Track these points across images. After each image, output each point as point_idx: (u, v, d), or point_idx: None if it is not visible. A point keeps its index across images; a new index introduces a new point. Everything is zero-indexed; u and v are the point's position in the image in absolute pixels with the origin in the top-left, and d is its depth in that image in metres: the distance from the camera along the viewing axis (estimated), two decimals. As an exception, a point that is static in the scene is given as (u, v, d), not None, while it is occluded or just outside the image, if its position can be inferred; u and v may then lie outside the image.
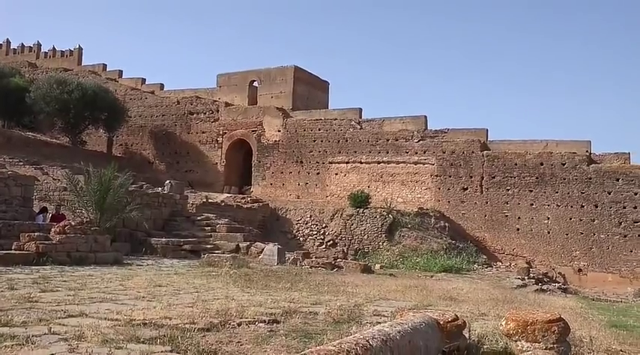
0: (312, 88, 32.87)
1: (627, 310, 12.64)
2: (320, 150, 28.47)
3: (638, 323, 9.94)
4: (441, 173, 25.14)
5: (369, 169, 26.92)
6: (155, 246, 17.39)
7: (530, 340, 5.53)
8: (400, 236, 22.68)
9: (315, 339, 5.66)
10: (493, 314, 8.44)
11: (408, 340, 4.53)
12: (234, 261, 14.36)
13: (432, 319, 5.33)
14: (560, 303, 11.83)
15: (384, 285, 12.13)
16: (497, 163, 23.98)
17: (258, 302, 8.25)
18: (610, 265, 21.58)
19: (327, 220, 24.28)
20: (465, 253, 21.68)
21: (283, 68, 31.76)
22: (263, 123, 30.38)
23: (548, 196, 22.87)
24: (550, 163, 23.05)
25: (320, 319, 7.11)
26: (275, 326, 6.40)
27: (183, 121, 33.09)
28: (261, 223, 24.88)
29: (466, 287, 13.12)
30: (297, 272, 13.97)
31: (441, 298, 10.55)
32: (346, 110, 29.23)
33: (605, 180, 21.99)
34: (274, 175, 29.68)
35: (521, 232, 23.26)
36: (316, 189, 28.34)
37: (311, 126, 29.00)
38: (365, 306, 8.52)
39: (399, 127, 26.94)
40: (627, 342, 7.53)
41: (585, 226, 22.15)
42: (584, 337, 7.16)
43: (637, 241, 21.21)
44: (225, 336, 5.67)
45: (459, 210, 24.56)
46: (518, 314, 5.97)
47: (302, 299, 8.92)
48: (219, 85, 33.62)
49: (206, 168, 31.77)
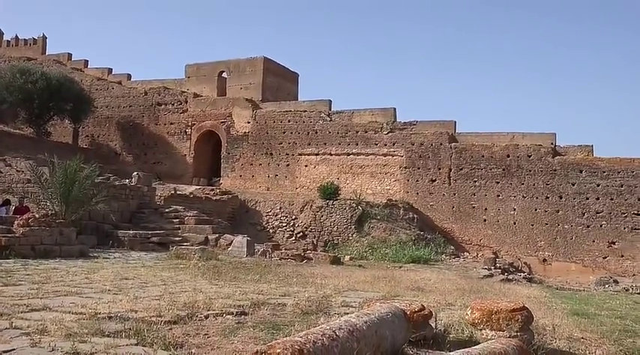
0: (281, 80, 32.76)
1: (589, 299, 12.93)
2: (290, 141, 28.42)
3: (600, 311, 10.19)
4: (410, 165, 25.34)
5: (339, 161, 26.98)
6: (122, 239, 17.18)
7: (495, 328, 5.63)
8: (369, 227, 22.82)
9: (283, 330, 5.67)
10: (459, 303, 8.56)
11: (374, 330, 4.57)
12: (203, 253, 14.27)
13: (398, 309, 5.38)
14: (524, 293, 12.05)
15: (352, 276, 12.19)
16: (465, 155, 24.27)
17: (226, 294, 8.22)
18: (573, 255, 22.07)
19: (297, 212, 24.28)
20: (433, 244, 21.92)
21: (253, 59, 31.56)
22: (232, 115, 30.16)
23: (515, 188, 23.25)
24: (516, 155, 23.42)
25: (288, 310, 7.12)
26: (243, 318, 6.39)
27: (151, 112, 32.65)
28: (231, 215, 24.76)
29: (434, 278, 13.27)
30: (267, 264, 13.96)
31: (408, 288, 10.65)
32: (316, 102, 29.20)
33: (569, 172, 22.45)
34: (244, 167, 29.54)
35: (488, 223, 23.62)
36: (286, 181, 28.30)
37: (280, 118, 28.91)
38: (333, 297, 8.56)
39: (368, 119, 27.03)
40: (588, 330, 7.71)
41: (550, 217, 22.60)
42: (548, 325, 7.31)
43: (599, 231, 21.73)
44: (192, 328, 5.64)
45: (427, 201, 24.81)
46: (483, 303, 6.06)
47: (271, 291, 8.92)
48: (188, 75, 33.25)
49: (174, 160, 31.44)
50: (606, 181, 21.75)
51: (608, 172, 21.78)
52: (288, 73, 33.61)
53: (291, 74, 34.03)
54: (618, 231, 21.45)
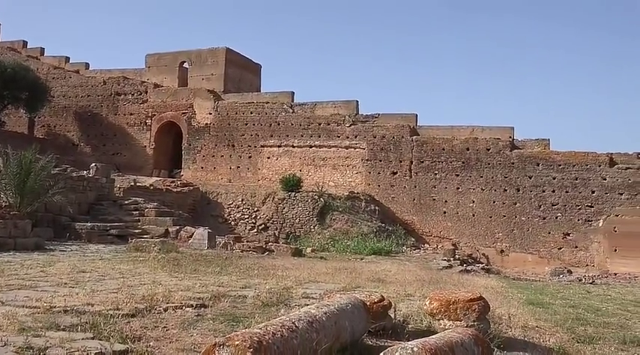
0: (244, 71, 32.51)
1: (544, 288, 13.28)
2: (252, 133, 28.26)
3: (554, 300, 10.47)
4: (372, 157, 25.50)
5: (301, 153, 26.97)
6: (80, 231, 16.85)
7: (453, 318, 5.73)
8: (331, 219, 22.90)
9: (243, 322, 5.66)
10: (419, 294, 8.68)
11: (334, 321, 4.60)
12: (163, 246, 14.11)
13: (358, 300, 5.42)
14: (482, 283, 12.30)
15: (314, 268, 12.23)
16: (426, 148, 24.55)
17: (186, 286, 8.16)
18: (530, 246, 22.60)
19: (259, 204, 24.20)
20: (394, 236, 22.15)
21: (214, 50, 31.21)
22: (194, 106, 29.82)
23: (474, 180, 23.64)
24: (476, 148, 23.80)
25: (249, 302, 7.11)
26: (202, 311, 6.35)
27: (110, 102, 32.00)
28: (192, 207, 24.53)
29: (394, 269, 13.42)
30: (228, 257, 13.91)
31: (369, 280, 10.75)
32: (278, 93, 29.08)
33: (527, 165, 22.94)
34: (205, 159, 29.26)
35: (448, 215, 23.97)
36: (248, 173, 28.16)
37: (243, 110, 28.71)
38: (294, 289, 8.57)
39: (330, 112, 27.07)
40: (543, 319, 7.92)
41: (508, 209, 23.07)
42: (504, 314, 7.48)
43: (554, 223, 22.29)
44: (150, 322, 5.58)
45: (388, 193, 25.03)
46: (442, 294, 6.16)
47: (231, 283, 8.89)
48: (148, 65, 32.70)
49: (134, 151, 30.92)
50: (562, 174, 22.31)
51: (564, 166, 22.34)
52: (250, 64, 33.38)
53: (254, 65, 33.81)
54: (572, 223, 22.05)
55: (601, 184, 21.77)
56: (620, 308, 10.06)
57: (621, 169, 21.63)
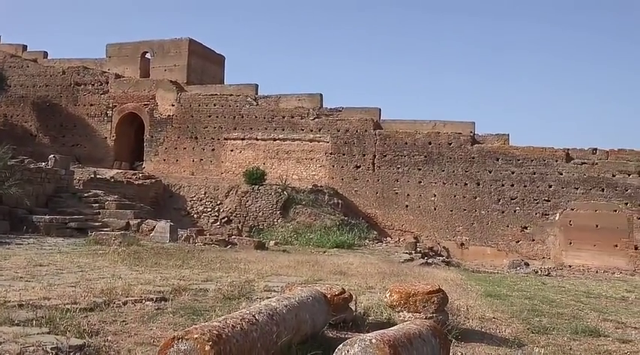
0: (207, 62, 32.16)
1: (502, 281, 13.59)
2: (215, 125, 28.03)
3: (511, 292, 10.73)
4: (335, 151, 25.59)
5: (265, 146, 26.89)
6: (37, 224, 16.46)
7: (412, 310, 5.83)
8: (295, 213, 22.92)
9: (204, 316, 5.65)
10: (380, 287, 8.78)
11: (294, 314, 4.63)
12: (124, 239, 13.92)
13: (319, 293, 5.46)
14: (442, 276, 12.51)
15: (277, 261, 12.25)
16: (389, 142, 24.76)
17: (146, 280, 8.08)
18: (489, 239, 23.05)
19: (222, 197, 24.06)
20: (357, 229, 22.29)
21: (177, 40, 30.78)
22: (156, 97, 29.38)
23: (435, 174, 23.95)
24: (437, 143, 24.10)
25: (210, 296, 7.09)
26: (163, 304, 6.31)
27: (70, 93, 31.28)
28: (154, 200, 24.22)
29: (356, 262, 13.53)
30: (190, 250, 13.81)
31: (331, 273, 10.82)
32: (242, 86, 28.88)
33: (487, 160, 23.35)
34: (168, 151, 28.91)
35: (410, 209, 24.25)
36: (211, 166, 27.94)
37: (206, 102, 28.44)
38: (256, 282, 8.58)
39: (294, 105, 27.03)
40: (500, 310, 8.12)
41: (468, 203, 23.46)
42: (462, 306, 7.63)
43: (513, 217, 22.78)
44: (109, 316, 5.52)
45: (352, 187, 25.17)
46: (402, 286, 6.25)
47: (193, 277, 8.84)
48: (109, 55, 32.05)
49: (95, 143, 30.32)
50: (520, 169, 22.79)
51: (523, 160, 22.82)
52: (214, 55, 33.03)
53: (217, 57, 33.47)
54: (530, 217, 22.56)
55: (558, 179, 22.31)
56: (573, 299, 10.37)
57: (577, 164, 22.21)
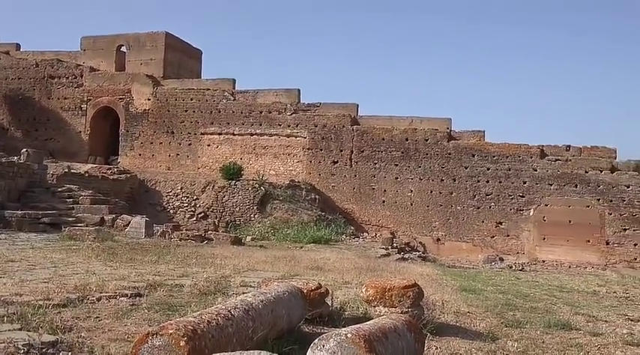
0: (184, 56, 31.87)
1: (477, 276, 13.76)
2: (192, 120, 27.82)
3: (485, 287, 10.88)
4: (313, 146, 25.58)
5: (242, 141, 26.76)
6: (9, 219, 16.16)
7: (388, 305, 5.87)
8: (272, 208, 22.87)
9: (179, 311, 5.62)
10: (356, 282, 8.82)
11: (270, 309, 4.63)
12: (98, 234, 13.78)
13: (295, 288, 5.47)
14: (418, 271, 12.62)
15: (253, 257, 12.24)
16: (366, 138, 24.82)
17: (121, 275, 8.01)
18: (464, 235, 23.27)
19: (199, 192, 23.90)
20: (334, 224, 22.34)
21: (154, 34, 30.44)
22: (132, 91, 29.03)
23: (412, 170, 24.09)
24: (414, 139, 24.23)
25: (186, 291, 7.06)
26: (138, 300, 6.26)
27: (43, 86, 30.75)
28: (129, 195, 23.97)
29: (333, 257, 13.57)
30: (166, 245, 13.71)
31: (308, 268, 10.85)
32: (219, 80, 28.68)
33: (463, 156, 23.55)
34: (143, 145, 28.61)
35: (387, 204, 24.36)
36: (187, 161, 27.73)
37: (183, 96, 28.19)
38: (233, 278, 8.56)
39: (272, 100, 26.93)
40: (474, 305, 8.22)
41: (444, 199, 23.65)
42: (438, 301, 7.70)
43: (488, 212, 23.02)
44: (82, 312, 5.46)
45: (329, 182, 25.19)
46: (378, 281, 6.29)
47: (168, 272, 8.79)
48: (84, 48, 31.57)
49: (69, 137, 29.86)
50: (496, 165, 23.03)
51: (498, 157, 23.06)
52: (190, 49, 32.74)
53: (194, 51, 33.18)
54: (505, 212, 22.83)
55: (532, 175, 22.60)
56: (546, 293, 10.55)
57: (551, 161, 22.52)
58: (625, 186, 21.56)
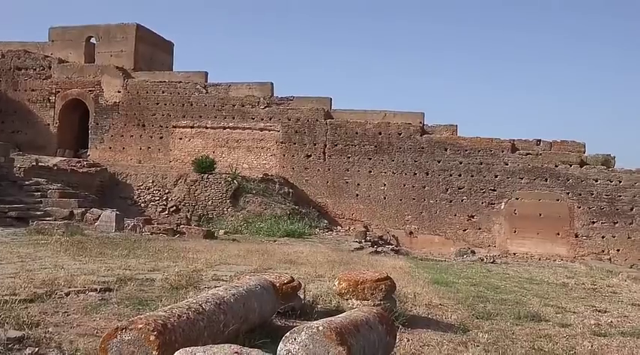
0: (155, 49, 31.45)
1: (449, 268, 13.88)
2: (163, 113, 27.50)
3: (457, 279, 10.98)
4: (286, 140, 25.50)
5: (215, 134, 26.55)
6: (-25, 214, 15.82)
7: (360, 298, 5.88)
8: (245, 202, 22.76)
9: (150, 306, 5.55)
10: (329, 275, 8.82)
11: (242, 303, 4.59)
12: (67, 229, 13.54)
13: (267, 281, 5.44)
14: (391, 264, 12.68)
15: (226, 250, 12.16)
16: (340, 132, 24.83)
17: (90, 270, 7.88)
18: (437, 228, 23.47)
19: (171, 186, 23.65)
20: (307, 218, 22.33)
21: (124, 25, 29.96)
22: (102, 83, 28.57)
23: (385, 164, 24.19)
24: (388, 133, 24.33)
25: (157, 285, 6.98)
26: (107, 295, 6.17)
27: (10, 77, 30.04)
28: (99, 189, 23.60)
29: (306, 251, 13.56)
30: (136, 239, 13.55)
31: (281, 261, 10.82)
32: (191, 73, 28.40)
33: (436, 150, 23.72)
34: (114, 138, 28.21)
35: (360, 198, 24.44)
36: (159, 154, 27.42)
37: (154, 89, 27.85)
38: (205, 271, 8.49)
39: (245, 93, 26.77)
40: (446, 297, 8.29)
41: (417, 192, 23.81)
42: (410, 293, 7.75)
43: (460, 206, 23.25)
44: (50, 307, 5.35)
45: (302, 176, 25.16)
46: (350, 274, 6.30)
47: (139, 266, 8.68)
48: (52, 39, 30.93)
49: (37, 130, 29.27)
50: (468, 159, 23.25)
51: (470, 151, 23.28)
52: (162, 41, 32.33)
53: (166, 43, 32.78)
54: (477, 206, 23.08)
55: (503, 169, 22.88)
56: (517, 285, 10.69)
57: (522, 155, 22.82)
58: (593, 180, 21.97)
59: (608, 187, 21.81)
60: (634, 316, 7.92)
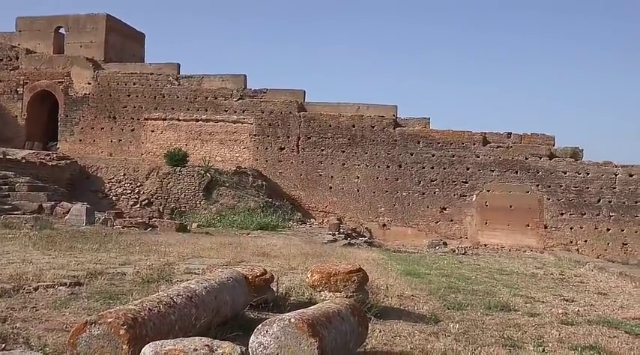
0: (126, 40, 30.96)
1: (421, 260, 14.02)
2: (135, 105, 27.15)
3: (429, 271, 11.10)
4: (260, 133, 25.39)
5: (187, 127, 26.30)
6: (-60, 208, 15.47)
7: (333, 290, 5.91)
8: (218, 195, 22.63)
9: (121, 300, 5.51)
10: (302, 267, 8.84)
11: (214, 296, 4.58)
12: (36, 222, 13.33)
13: (240, 274, 5.43)
14: (364, 256, 12.76)
15: (198, 244, 12.10)
16: (313, 124, 24.82)
17: (60, 264, 7.77)
18: (410, 220, 23.65)
19: (142, 179, 23.39)
20: (281, 211, 22.30)
21: (94, 16, 29.41)
22: (71, 75, 28.07)
23: (359, 157, 24.26)
24: (361, 126, 24.39)
25: (128, 279, 6.92)
26: (77, 289, 6.10)
27: (-25, 68, 29.36)
28: (69, 182, 23.24)
29: (280, 244, 13.57)
30: (107, 233, 13.40)
31: (254, 254, 10.80)
32: (163, 65, 28.04)
33: (409, 143, 23.86)
34: (84, 131, 27.77)
35: (334, 190, 24.48)
36: (131, 147, 27.08)
37: (125, 80, 27.46)
38: (177, 265, 8.44)
39: (218, 85, 26.56)
40: (418, 288, 8.38)
41: (390, 185, 23.94)
42: (382, 285, 7.82)
43: (432, 198, 23.45)
44: (18, 302, 5.27)
45: (276, 169, 25.10)
46: (323, 266, 6.33)
47: (110, 260, 8.58)
48: (20, 29, 30.21)
49: (4, 122, 28.63)
50: (440, 152, 23.45)
51: (442, 143, 23.48)
52: (133, 32, 31.83)
53: (137, 34, 32.29)
54: (449, 198, 23.31)
55: (475, 161, 23.13)
56: (487, 276, 10.85)
57: (493, 147, 23.09)
58: (562, 172, 22.35)
59: (576, 179, 22.22)
60: (600, 305, 8.12)
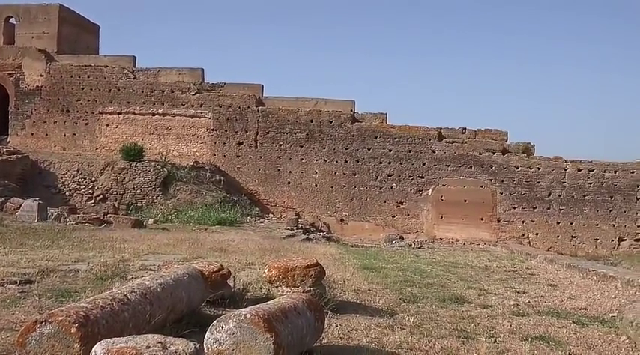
0: (80, 31, 30.20)
1: (378, 254, 14.18)
2: (89, 98, 26.55)
3: (386, 265, 11.24)
4: (217, 127, 25.20)
5: (143, 121, 25.88)
6: None
7: (290, 285, 5.94)
8: (175, 190, 22.37)
9: (73, 297, 5.42)
10: (260, 263, 8.85)
11: (169, 292, 4.55)
12: (-15, 219, 12.93)
13: (196, 270, 5.41)
14: (322, 250, 12.82)
15: (155, 240, 11.96)
16: (272, 119, 24.76)
17: (10, 262, 7.58)
18: (367, 215, 23.87)
19: (97, 174, 22.92)
20: (239, 206, 22.21)
21: (46, 6, 28.58)
22: (22, 66, 27.24)
23: (317, 152, 24.33)
24: (319, 120, 24.45)
25: (81, 276, 6.80)
26: (28, 287, 5.96)
27: None
28: (21, 177, 22.59)
29: (237, 239, 13.53)
30: (60, 229, 13.11)
31: (211, 250, 10.75)
32: (119, 57, 27.48)
33: (366, 138, 24.05)
34: (36, 124, 27.02)
35: (292, 185, 24.50)
36: (85, 141, 26.48)
37: (79, 73, 26.82)
38: (132, 261, 8.34)
39: (175, 79, 26.20)
40: (375, 282, 8.49)
41: (348, 180, 24.10)
42: (339, 279, 7.89)
43: (390, 193, 23.72)
44: (-35, 301, 5.13)
45: (234, 164, 24.96)
46: (280, 261, 6.34)
47: (62, 257, 8.42)
48: (-34, 18, 29.23)
49: (-50, 115, 27.67)
50: (397, 147, 23.71)
51: (399, 139, 23.75)
52: (88, 24, 31.07)
53: (92, 26, 31.53)
54: (405, 193, 23.61)
55: (431, 156, 23.48)
56: (442, 269, 11.06)
57: (448, 143, 23.48)
58: (515, 167, 22.89)
59: (528, 174, 22.80)
60: (549, 296, 8.38)
